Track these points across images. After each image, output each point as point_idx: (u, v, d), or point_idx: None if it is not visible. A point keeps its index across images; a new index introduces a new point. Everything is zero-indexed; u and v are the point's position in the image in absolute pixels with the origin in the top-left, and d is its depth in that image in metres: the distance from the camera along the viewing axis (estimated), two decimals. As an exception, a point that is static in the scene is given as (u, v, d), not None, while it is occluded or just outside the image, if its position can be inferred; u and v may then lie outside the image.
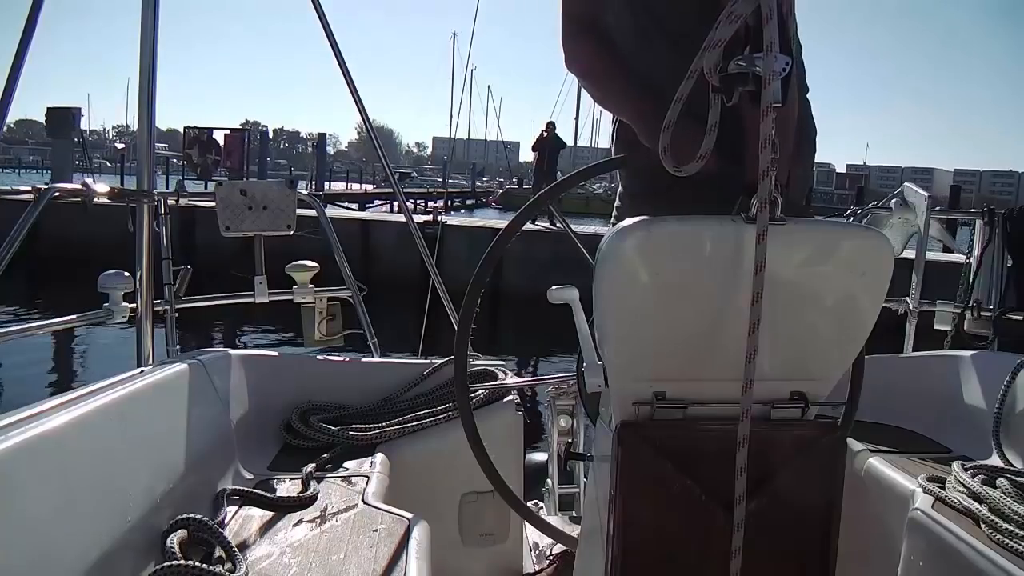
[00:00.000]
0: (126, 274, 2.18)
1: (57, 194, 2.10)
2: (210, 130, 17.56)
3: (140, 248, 2.19)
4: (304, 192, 2.72)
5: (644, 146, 1.46)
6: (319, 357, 2.27)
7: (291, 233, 2.60)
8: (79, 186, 2.19)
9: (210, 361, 1.86)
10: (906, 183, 3.67)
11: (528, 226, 1.55)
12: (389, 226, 12.31)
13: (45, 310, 9.52)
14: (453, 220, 12.13)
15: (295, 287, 2.61)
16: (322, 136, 33.21)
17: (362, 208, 26.90)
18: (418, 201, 34.80)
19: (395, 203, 32.99)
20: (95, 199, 2.19)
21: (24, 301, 10.19)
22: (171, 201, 2.43)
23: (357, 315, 2.66)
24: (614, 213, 1.78)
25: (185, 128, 18.25)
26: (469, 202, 40.76)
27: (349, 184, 40.74)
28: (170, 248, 2.42)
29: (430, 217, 12.47)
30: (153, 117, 2.25)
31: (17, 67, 2.27)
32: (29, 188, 2.11)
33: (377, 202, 32.84)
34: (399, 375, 2.17)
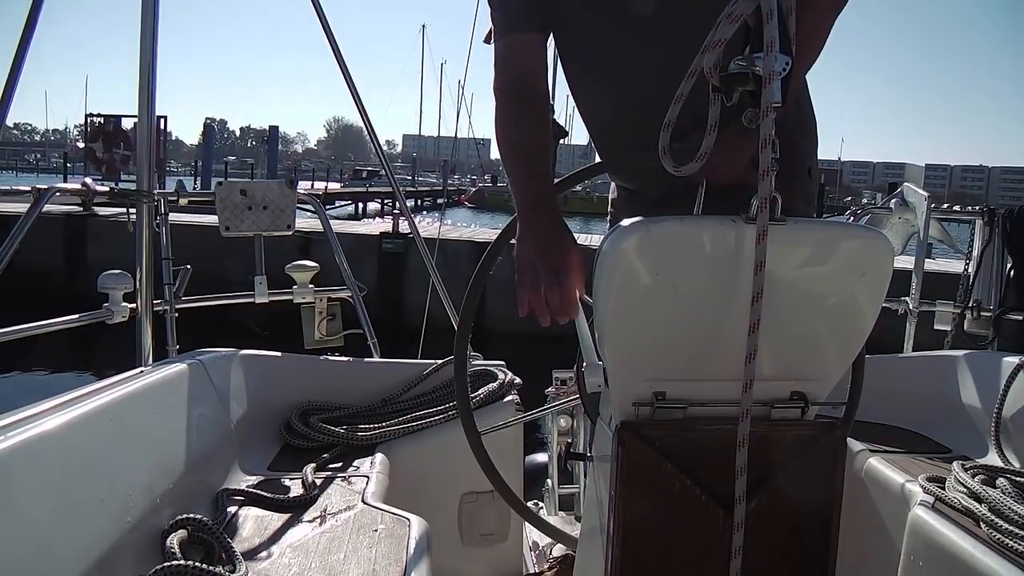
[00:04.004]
0: (126, 274, 2.18)
1: (57, 194, 2.11)
2: (117, 119, 14.53)
3: (140, 248, 2.19)
4: (304, 192, 2.72)
5: (632, 148, 1.48)
6: (319, 357, 2.27)
7: (290, 233, 2.60)
8: (79, 186, 2.20)
9: (210, 361, 1.86)
10: (905, 183, 3.68)
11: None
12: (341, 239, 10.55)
13: None
14: (420, 230, 10.58)
15: (295, 287, 2.61)
16: (274, 129, 30.68)
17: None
18: (385, 201, 33.71)
19: (361, 204, 31.89)
20: (95, 199, 2.20)
21: None
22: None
23: (357, 315, 2.66)
24: (608, 216, 1.79)
25: (87, 117, 14.77)
26: (440, 201, 38.34)
27: (314, 183, 38.47)
28: (170, 248, 2.42)
29: (390, 226, 10.57)
30: (153, 116, 2.25)
31: (17, 67, 2.27)
32: (28, 188, 2.11)
33: (339, 203, 30.44)
34: (399, 375, 2.17)
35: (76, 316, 2.08)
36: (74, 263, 10.74)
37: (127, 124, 14.26)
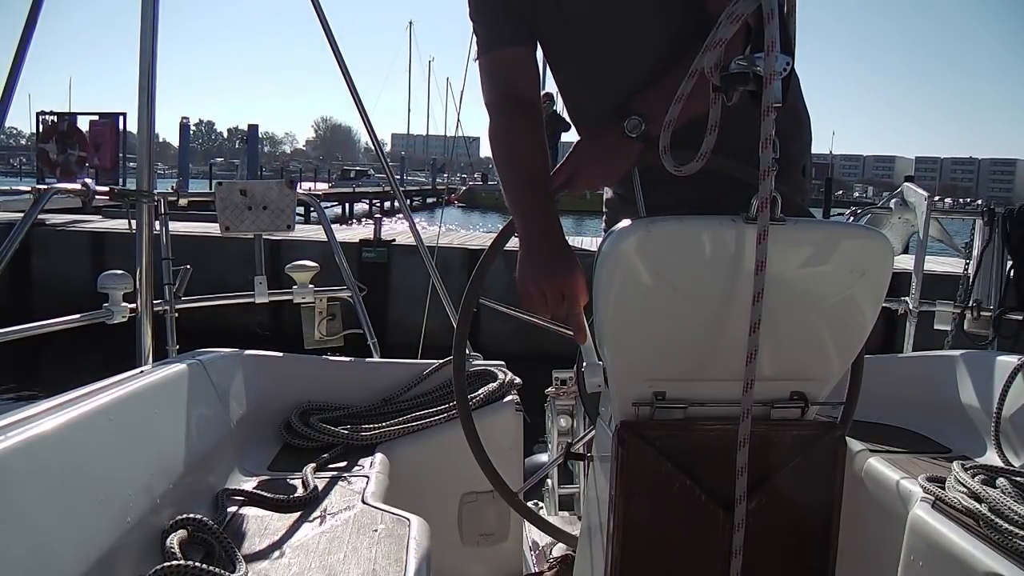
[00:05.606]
0: (126, 274, 2.18)
1: (57, 194, 2.11)
2: (72, 116, 13.31)
3: (140, 248, 2.19)
4: (303, 192, 2.72)
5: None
6: (319, 357, 2.27)
7: (291, 233, 2.61)
8: (79, 186, 2.19)
9: (210, 361, 1.86)
10: (905, 183, 3.68)
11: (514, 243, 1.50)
12: (304, 247, 8.05)
13: None
14: (404, 238, 9.04)
15: (295, 287, 2.61)
16: (253, 128, 29.29)
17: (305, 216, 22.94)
18: (374, 201, 33.45)
19: (348, 205, 31.76)
20: (95, 199, 2.20)
21: None
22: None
23: (357, 315, 2.66)
24: (604, 217, 1.79)
25: (38, 115, 13.25)
26: (430, 200, 37.41)
27: (302, 183, 38.20)
28: (170, 248, 2.42)
29: (371, 232, 9.29)
30: (153, 117, 2.24)
31: (17, 67, 2.27)
32: (29, 188, 2.11)
33: (326, 205, 29.75)
34: (399, 375, 2.17)
35: (76, 316, 2.08)
36: (17, 276, 9.24)
37: (83, 123, 13.16)
